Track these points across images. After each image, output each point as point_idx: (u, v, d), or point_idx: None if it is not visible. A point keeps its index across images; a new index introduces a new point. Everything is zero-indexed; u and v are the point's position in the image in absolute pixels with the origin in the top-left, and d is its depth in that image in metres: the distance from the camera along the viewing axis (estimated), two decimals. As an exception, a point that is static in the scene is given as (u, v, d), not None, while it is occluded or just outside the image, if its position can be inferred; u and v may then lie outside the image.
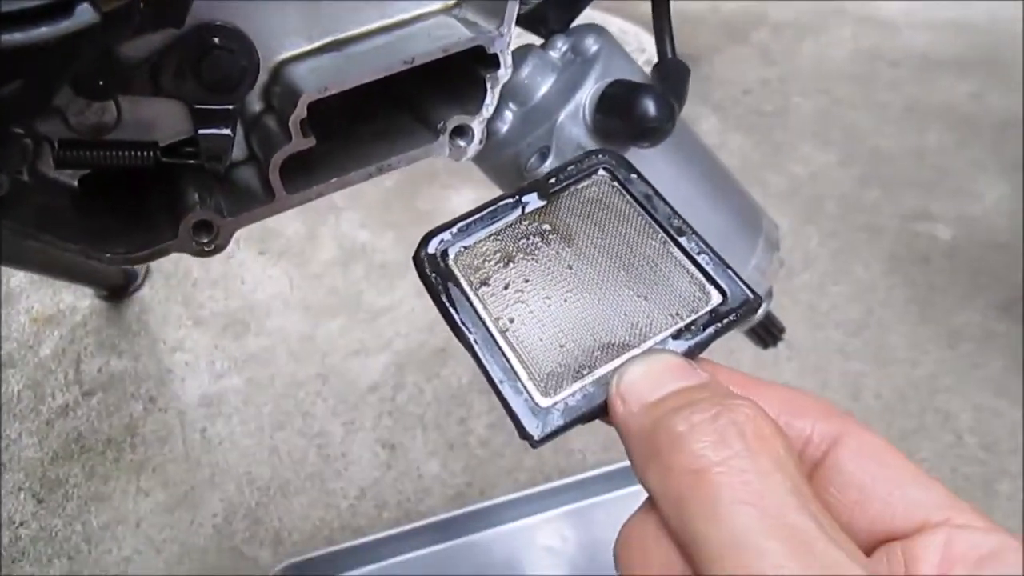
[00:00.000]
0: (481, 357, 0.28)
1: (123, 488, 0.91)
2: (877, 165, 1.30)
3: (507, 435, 0.94)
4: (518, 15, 0.38)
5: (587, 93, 0.42)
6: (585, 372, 0.28)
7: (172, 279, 1.16)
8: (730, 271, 0.30)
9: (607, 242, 0.31)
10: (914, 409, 0.94)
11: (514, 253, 0.31)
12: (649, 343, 0.28)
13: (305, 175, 0.38)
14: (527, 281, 0.30)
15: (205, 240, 0.36)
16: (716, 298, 0.29)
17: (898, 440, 0.90)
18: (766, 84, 1.51)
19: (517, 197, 0.32)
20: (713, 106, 1.44)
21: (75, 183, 0.37)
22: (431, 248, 0.32)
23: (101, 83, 0.34)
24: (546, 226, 0.32)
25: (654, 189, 0.32)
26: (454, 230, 0.32)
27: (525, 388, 0.27)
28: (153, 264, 1.17)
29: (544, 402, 0.27)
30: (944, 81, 1.46)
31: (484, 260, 0.31)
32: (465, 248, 0.31)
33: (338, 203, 1.28)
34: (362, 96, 0.38)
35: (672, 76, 0.43)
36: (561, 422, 0.26)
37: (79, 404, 1.00)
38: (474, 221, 0.32)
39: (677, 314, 0.29)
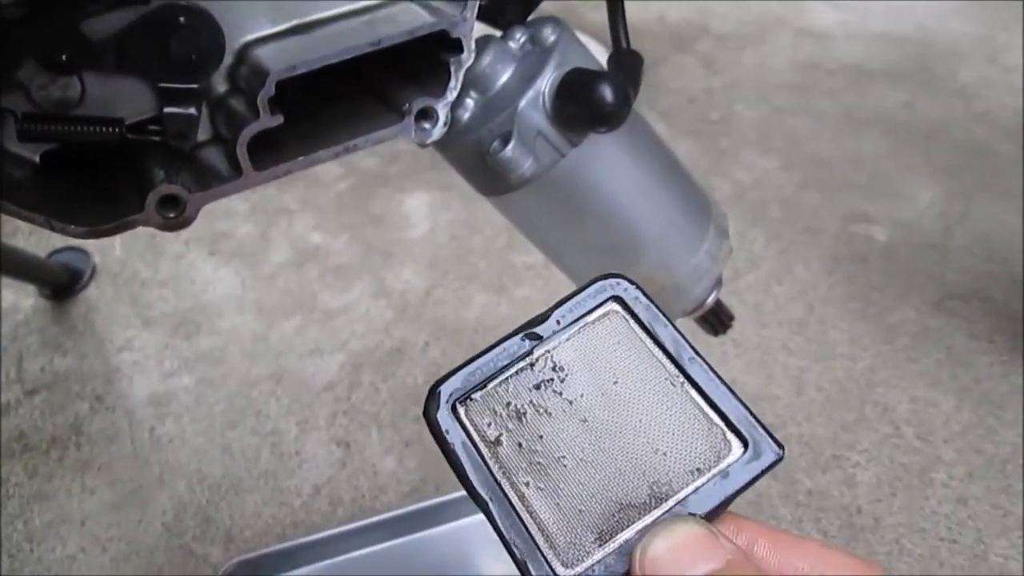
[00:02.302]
0: (500, 525, 0.27)
1: (67, 487, 0.89)
2: (817, 170, 1.34)
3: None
4: (478, 8, 0.39)
5: (546, 81, 0.43)
6: (605, 539, 0.27)
7: (119, 279, 1.14)
8: (752, 417, 0.28)
9: (620, 387, 0.30)
10: (854, 402, 0.97)
11: (525, 407, 0.30)
12: (670, 503, 0.27)
13: (272, 154, 0.38)
14: (541, 438, 0.29)
15: (172, 214, 0.36)
16: (738, 449, 0.28)
17: (840, 431, 0.94)
18: (710, 93, 1.55)
19: (524, 336, 0.31)
20: (660, 113, 1.47)
21: (37, 158, 0.37)
22: (442, 401, 0.30)
23: (64, 57, 0.35)
24: (557, 372, 0.30)
25: (669, 320, 0.31)
26: (462, 377, 0.30)
27: (545, 559, 0.27)
28: (99, 264, 1.15)
29: (565, 574, 0.26)
30: (878, 90, 1.52)
31: (496, 415, 0.30)
32: (475, 400, 0.30)
33: (290, 206, 1.28)
34: (327, 81, 0.39)
35: (627, 64, 0.45)
36: None
37: (21, 403, 0.98)
38: (482, 366, 0.30)
39: (697, 470, 0.27)
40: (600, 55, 0.47)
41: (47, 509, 0.88)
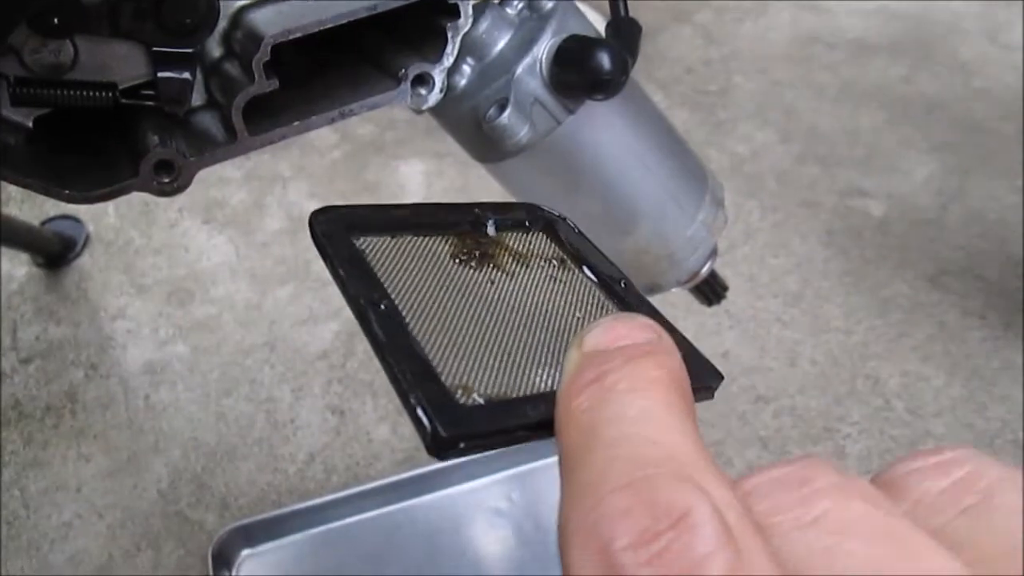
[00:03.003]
0: (379, 333, 0.21)
1: (63, 454, 0.90)
2: (814, 143, 1.34)
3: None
4: (475, -26, 0.39)
5: (544, 47, 0.43)
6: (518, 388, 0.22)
7: (112, 247, 1.13)
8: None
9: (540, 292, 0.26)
10: (846, 375, 0.98)
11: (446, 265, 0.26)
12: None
13: (268, 119, 0.38)
14: (448, 292, 0.25)
15: (166, 180, 0.36)
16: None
17: (832, 404, 0.95)
18: (708, 64, 1.54)
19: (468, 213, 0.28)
20: (658, 83, 1.46)
21: (30, 123, 0.37)
22: (341, 226, 0.26)
23: (57, 21, 0.34)
24: (481, 252, 0.27)
25: (592, 245, 0.29)
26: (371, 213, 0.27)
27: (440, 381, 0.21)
28: (92, 232, 1.15)
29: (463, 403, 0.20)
30: (877, 64, 1.51)
31: (403, 259, 0.26)
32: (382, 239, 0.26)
33: (285, 173, 1.27)
34: (323, 46, 0.39)
35: (625, 32, 0.44)
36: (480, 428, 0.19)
37: (16, 371, 0.98)
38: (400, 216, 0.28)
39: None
40: (598, 23, 0.47)
41: (43, 476, 0.88)
